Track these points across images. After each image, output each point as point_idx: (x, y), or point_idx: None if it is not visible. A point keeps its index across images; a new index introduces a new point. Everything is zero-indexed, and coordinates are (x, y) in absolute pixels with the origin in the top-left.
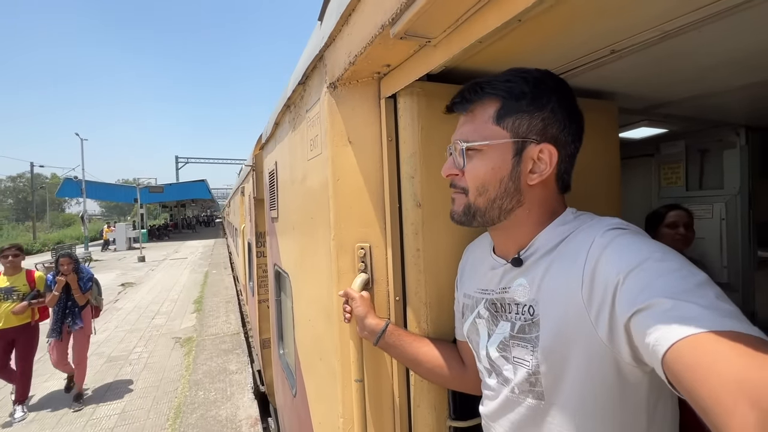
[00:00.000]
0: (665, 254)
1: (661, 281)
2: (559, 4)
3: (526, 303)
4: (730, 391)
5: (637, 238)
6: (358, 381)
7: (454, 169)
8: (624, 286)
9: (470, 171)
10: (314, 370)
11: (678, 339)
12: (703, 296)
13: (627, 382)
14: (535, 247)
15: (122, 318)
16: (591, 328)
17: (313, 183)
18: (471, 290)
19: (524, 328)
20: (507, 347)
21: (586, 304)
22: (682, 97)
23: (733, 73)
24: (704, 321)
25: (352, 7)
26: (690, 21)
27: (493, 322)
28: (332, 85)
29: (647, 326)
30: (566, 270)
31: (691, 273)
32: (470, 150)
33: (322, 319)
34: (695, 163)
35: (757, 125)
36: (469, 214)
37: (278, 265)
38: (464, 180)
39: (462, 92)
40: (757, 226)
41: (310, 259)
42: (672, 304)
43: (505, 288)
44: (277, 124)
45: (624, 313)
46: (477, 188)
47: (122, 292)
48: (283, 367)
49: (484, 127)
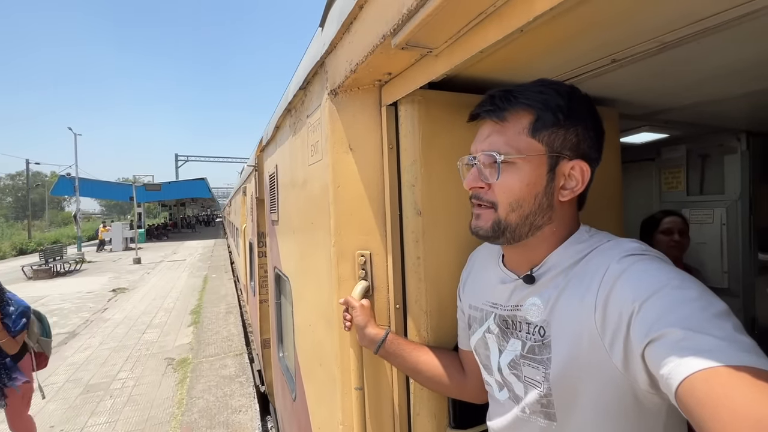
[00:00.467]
0: (683, 282)
1: (677, 310)
2: (560, 16)
3: (538, 323)
4: (742, 429)
5: (654, 264)
6: (358, 389)
7: (479, 182)
8: (639, 314)
9: (503, 185)
10: (314, 376)
11: (691, 372)
12: (721, 328)
13: (645, 408)
14: (549, 266)
15: (108, 332)
16: (605, 354)
17: (314, 188)
18: (478, 302)
19: (534, 348)
20: (518, 366)
21: (599, 331)
22: (683, 104)
23: (733, 82)
24: (720, 354)
25: (354, 15)
26: (689, 33)
27: (504, 339)
28: (333, 92)
29: (661, 357)
30: (581, 294)
31: (710, 303)
32: (503, 163)
33: (322, 325)
34: (696, 168)
35: (758, 131)
36: (498, 230)
37: (278, 268)
38: (492, 194)
39: (492, 99)
40: (757, 231)
41: (310, 264)
42: (687, 335)
43: (517, 305)
44: (277, 127)
45: (639, 342)
46: (510, 203)
47: (113, 299)
48: (282, 370)
49: (518, 138)
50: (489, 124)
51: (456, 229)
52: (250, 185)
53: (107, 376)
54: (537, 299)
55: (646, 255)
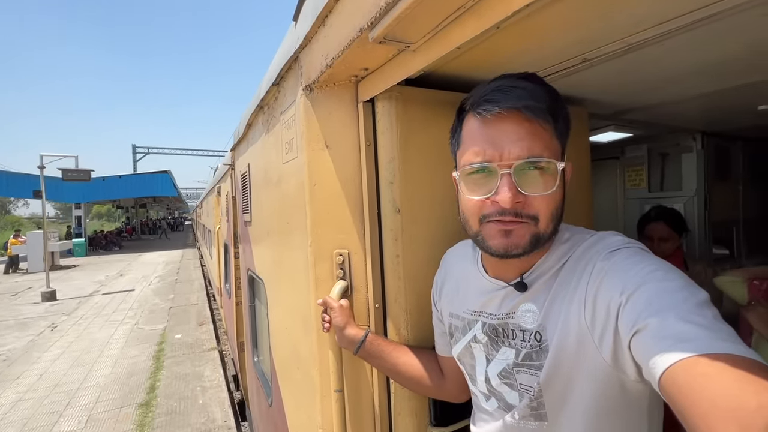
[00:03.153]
0: (667, 273)
1: (661, 301)
2: (534, 14)
3: (534, 329)
4: (721, 417)
5: (638, 257)
6: (337, 391)
7: (519, 196)
8: (627, 306)
9: (550, 194)
10: (291, 380)
11: (673, 362)
12: (703, 316)
13: (631, 397)
14: (540, 271)
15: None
16: (595, 350)
17: (289, 187)
18: (459, 310)
19: (531, 355)
20: (511, 375)
21: (589, 327)
22: (646, 104)
23: (691, 84)
24: (700, 343)
25: (330, 8)
26: (654, 34)
27: (493, 348)
28: (308, 88)
29: (646, 346)
30: (570, 293)
31: (692, 293)
32: (544, 169)
33: (299, 328)
34: (657, 166)
35: (712, 131)
36: (535, 245)
37: (252, 270)
38: (532, 206)
39: (528, 93)
40: (712, 225)
41: (286, 265)
42: (670, 325)
43: (509, 313)
44: (249, 125)
45: (626, 334)
46: (552, 214)
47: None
48: (258, 375)
49: (553, 142)
50: (517, 123)
51: (435, 227)
52: (226, 185)
53: None
54: (531, 305)
55: (630, 248)
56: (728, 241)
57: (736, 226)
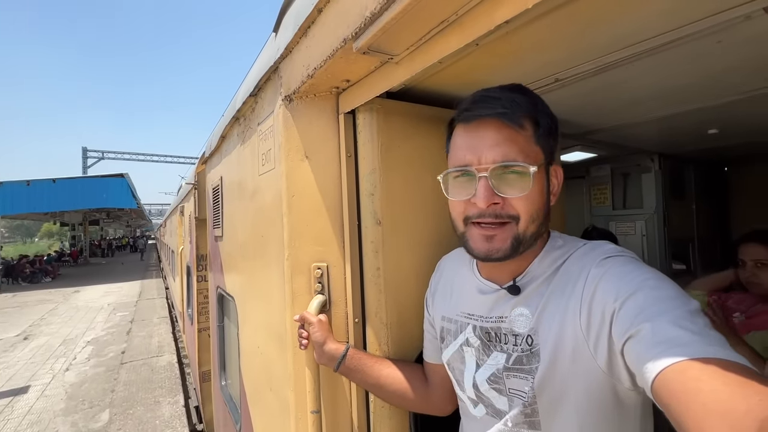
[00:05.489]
0: (659, 281)
1: (654, 308)
2: (511, 34)
3: (526, 333)
4: (712, 420)
5: (632, 266)
6: (314, 412)
7: (495, 197)
8: (620, 312)
9: (526, 196)
10: (263, 403)
11: (666, 366)
12: (694, 323)
13: (624, 405)
14: (533, 275)
15: None
16: (590, 357)
17: (265, 199)
18: (452, 313)
19: (522, 359)
20: (500, 379)
21: (584, 334)
22: (610, 126)
23: (652, 106)
24: (691, 348)
25: (312, 19)
26: (619, 58)
27: (485, 352)
28: (288, 98)
29: (639, 351)
30: (565, 300)
31: (684, 302)
32: (520, 173)
33: (273, 346)
34: (620, 185)
35: (668, 152)
36: (517, 247)
37: (222, 287)
38: (511, 207)
39: (499, 101)
40: (670, 241)
41: (259, 280)
42: (662, 330)
43: (501, 317)
44: (223, 137)
45: (619, 339)
46: (531, 215)
47: None
48: (225, 400)
49: (530, 147)
50: (494, 130)
51: (417, 239)
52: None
53: None
54: (524, 309)
55: (623, 256)
56: (685, 257)
57: (691, 242)
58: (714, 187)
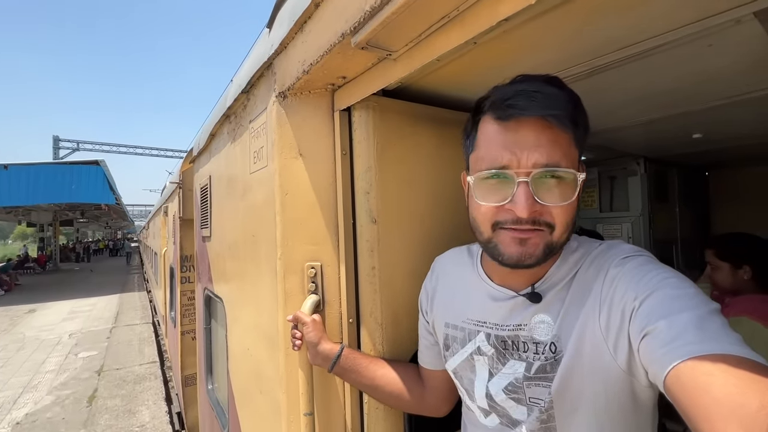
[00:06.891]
0: (680, 281)
1: (672, 306)
2: (508, 33)
3: (549, 341)
4: (724, 417)
5: (651, 265)
6: (307, 414)
7: (536, 205)
8: (639, 310)
9: (565, 206)
10: (253, 406)
11: (679, 361)
12: (712, 321)
13: (641, 403)
14: (553, 280)
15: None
16: (610, 357)
17: (257, 198)
18: (457, 320)
19: (545, 367)
20: (519, 389)
21: (604, 334)
22: (599, 129)
23: (640, 108)
24: (706, 344)
25: (309, 13)
26: (613, 60)
27: (500, 361)
28: (282, 95)
29: (653, 347)
30: (583, 302)
31: (703, 302)
32: (562, 179)
33: (264, 348)
34: (607, 188)
35: (654, 156)
36: (549, 254)
37: (209, 289)
38: (549, 215)
39: (546, 98)
40: (655, 243)
41: (250, 280)
42: (677, 328)
43: (519, 325)
44: (213, 135)
45: (636, 337)
46: (567, 224)
47: None
48: (212, 405)
49: (571, 150)
50: (538, 129)
51: (412, 238)
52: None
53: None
54: (546, 316)
55: (642, 256)
56: (669, 259)
57: (674, 244)
58: (696, 191)
